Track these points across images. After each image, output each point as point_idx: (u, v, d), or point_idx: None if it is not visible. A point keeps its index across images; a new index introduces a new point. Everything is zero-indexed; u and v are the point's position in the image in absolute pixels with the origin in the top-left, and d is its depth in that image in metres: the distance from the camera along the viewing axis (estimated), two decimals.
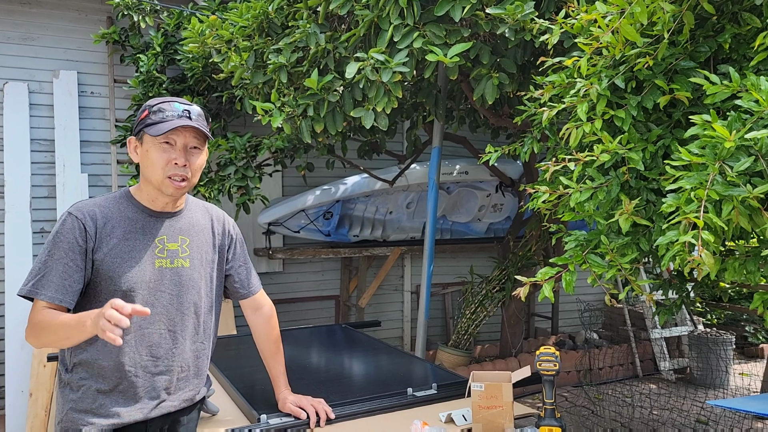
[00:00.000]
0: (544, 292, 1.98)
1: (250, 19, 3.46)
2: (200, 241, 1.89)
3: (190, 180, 1.77)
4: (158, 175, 1.73)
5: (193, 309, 1.85)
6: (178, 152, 1.73)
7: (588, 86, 2.02)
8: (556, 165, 2.12)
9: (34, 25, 4.79)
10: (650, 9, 1.83)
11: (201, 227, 1.91)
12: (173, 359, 1.80)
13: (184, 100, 1.79)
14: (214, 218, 1.97)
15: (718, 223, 1.45)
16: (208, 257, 1.91)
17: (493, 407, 1.96)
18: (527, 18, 2.56)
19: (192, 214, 1.90)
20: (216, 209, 2.02)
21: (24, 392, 4.26)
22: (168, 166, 1.72)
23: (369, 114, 2.85)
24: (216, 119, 4.89)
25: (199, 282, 1.86)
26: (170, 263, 1.79)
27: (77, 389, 1.72)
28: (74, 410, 1.72)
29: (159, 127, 1.69)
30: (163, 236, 1.80)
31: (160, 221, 1.81)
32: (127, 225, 1.75)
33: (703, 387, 5.55)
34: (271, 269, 5.66)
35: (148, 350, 1.76)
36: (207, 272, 1.89)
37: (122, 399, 1.73)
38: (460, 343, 5.43)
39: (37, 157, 4.75)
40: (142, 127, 1.74)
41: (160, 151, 1.72)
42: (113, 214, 1.75)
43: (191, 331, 1.85)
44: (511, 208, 6.20)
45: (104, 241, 1.70)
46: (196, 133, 1.76)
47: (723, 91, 1.70)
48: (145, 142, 1.74)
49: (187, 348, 1.84)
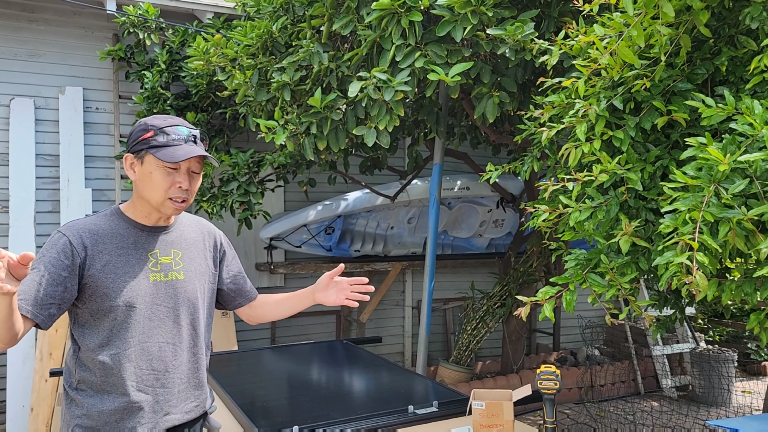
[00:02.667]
0: (544, 312, 1.99)
1: (254, 38, 3.51)
2: (192, 253, 1.90)
3: (188, 201, 1.80)
4: (160, 197, 1.74)
5: (190, 320, 1.86)
6: (182, 176, 1.75)
7: (587, 107, 2.06)
8: (556, 184, 2.14)
9: (41, 41, 4.85)
10: (647, 32, 1.86)
11: (192, 240, 1.92)
12: (174, 371, 1.81)
13: (186, 123, 1.81)
14: (205, 232, 1.99)
15: (713, 245, 1.47)
16: (201, 269, 1.92)
17: (494, 426, 1.97)
18: (527, 39, 2.60)
19: (183, 228, 1.92)
20: (205, 222, 2.03)
21: (25, 407, 4.26)
22: (171, 189, 1.74)
23: (371, 132, 2.89)
24: (219, 135, 4.93)
25: (195, 293, 1.87)
26: (164, 276, 1.80)
27: (82, 406, 1.73)
28: (80, 426, 1.73)
29: (170, 154, 1.70)
30: (155, 250, 1.81)
31: (152, 236, 1.82)
32: (119, 241, 1.76)
33: (705, 405, 5.52)
34: (272, 284, 5.67)
35: (148, 363, 1.76)
36: (201, 284, 1.90)
37: (127, 414, 1.74)
38: (461, 359, 5.43)
39: (42, 171, 4.79)
40: (145, 147, 1.74)
41: (164, 174, 1.73)
42: (104, 231, 1.76)
43: (189, 342, 1.86)
44: (512, 223, 6.21)
45: (96, 258, 1.71)
46: (200, 158, 1.79)
47: (718, 113, 1.73)
48: (147, 162, 1.74)
49: (186, 359, 1.85)
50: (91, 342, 1.73)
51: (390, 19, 2.71)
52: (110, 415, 1.73)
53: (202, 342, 1.92)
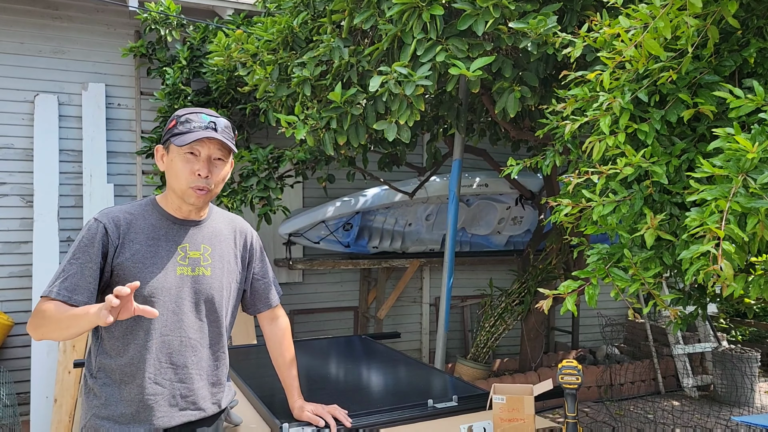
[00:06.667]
0: (566, 305, 1.97)
1: (275, 33, 3.52)
2: (222, 250, 1.90)
3: (212, 190, 1.79)
4: (181, 185, 1.75)
5: (214, 318, 1.86)
6: (202, 163, 1.75)
7: (611, 100, 2.03)
8: (579, 178, 2.12)
9: (65, 39, 4.92)
10: (674, 23, 1.83)
11: (224, 237, 1.92)
12: (193, 367, 1.81)
13: (212, 112, 1.81)
14: (237, 230, 1.98)
15: (740, 235, 1.45)
16: (230, 267, 1.92)
17: (515, 420, 1.96)
18: (550, 32, 2.58)
19: (215, 224, 1.92)
20: (240, 221, 2.02)
21: (49, 398, 4.33)
22: (191, 176, 1.74)
23: (392, 127, 2.88)
24: (239, 131, 4.97)
25: (220, 291, 1.86)
26: (191, 271, 1.80)
27: (100, 396, 1.75)
28: (97, 416, 1.75)
29: (184, 138, 1.72)
30: (185, 244, 1.81)
31: (183, 229, 1.83)
32: (151, 231, 1.78)
33: (727, 404, 5.44)
34: (291, 280, 5.69)
35: (168, 357, 1.77)
36: (228, 282, 1.90)
37: (142, 407, 1.74)
38: (478, 357, 5.41)
39: (65, 167, 4.85)
40: (168, 136, 1.77)
41: (184, 161, 1.74)
42: (138, 219, 1.78)
43: (210, 339, 1.86)
44: (531, 221, 6.17)
45: (127, 245, 1.73)
46: (220, 145, 1.78)
47: (747, 104, 1.70)
48: (170, 151, 1.77)
49: (207, 356, 1.85)
50: (115, 330, 1.75)
51: (411, 14, 2.71)
52: (126, 406, 1.74)
53: (224, 341, 1.92)
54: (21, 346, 4.67)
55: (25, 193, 4.75)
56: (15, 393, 4.41)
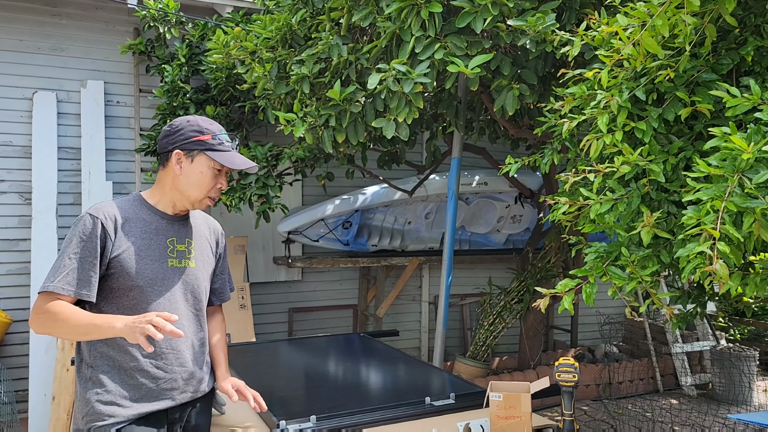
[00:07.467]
0: (564, 304, 1.97)
1: (273, 31, 3.52)
2: (202, 244, 2.04)
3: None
4: (201, 194, 1.91)
5: (199, 306, 2.00)
6: (224, 179, 1.94)
7: (609, 98, 2.03)
8: (576, 176, 2.12)
9: (64, 36, 4.91)
10: (672, 21, 1.83)
11: (202, 232, 2.06)
12: (188, 351, 1.93)
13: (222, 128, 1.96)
14: (211, 227, 2.13)
15: (735, 235, 1.45)
16: (209, 260, 2.06)
17: (512, 418, 1.96)
18: (548, 30, 2.58)
19: (195, 220, 2.06)
20: (212, 219, 2.18)
21: (47, 396, 4.33)
22: (213, 189, 1.92)
23: (390, 124, 2.88)
24: (238, 129, 4.96)
25: (202, 281, 2.01)
26: (179, 263, 1.93)
27: (100, 383, 1.81)
28: (101, 402, 1.79)
29: (229, 160, 1.87)
30: (172, 238, 1.94)
31: (170, 224, 1.95)
32: (143, 225, 1.88)
33: (725, 403, 5.45)
34: (290, 278, 5.70)
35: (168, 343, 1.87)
36: (206, 273, 2.05)
37: (141, 392, 1.83)
38: (477, 355, 5.41)
39: (64, 164, 4.85)
40: (200, 148, 1.87)
41: (212, 175, 1.90)
42: (130, 215, 1.87)
43: (196, 326, 1.99)
44: (530, 219, 6.17)
45: (123, 239, 1.82)
46: None
47: (743, 103, 1.70)
48: (198, 161, 1.88)
49: (197, 341, 1.98)
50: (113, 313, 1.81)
51: (410, 11, 2.71)
52: (130, 390, 1.82)
53: (206, 327, 2.06)
54: (19, 344, 4.67)
55: (24, 191, 4.75)
56: (13, 390, 4.41)
